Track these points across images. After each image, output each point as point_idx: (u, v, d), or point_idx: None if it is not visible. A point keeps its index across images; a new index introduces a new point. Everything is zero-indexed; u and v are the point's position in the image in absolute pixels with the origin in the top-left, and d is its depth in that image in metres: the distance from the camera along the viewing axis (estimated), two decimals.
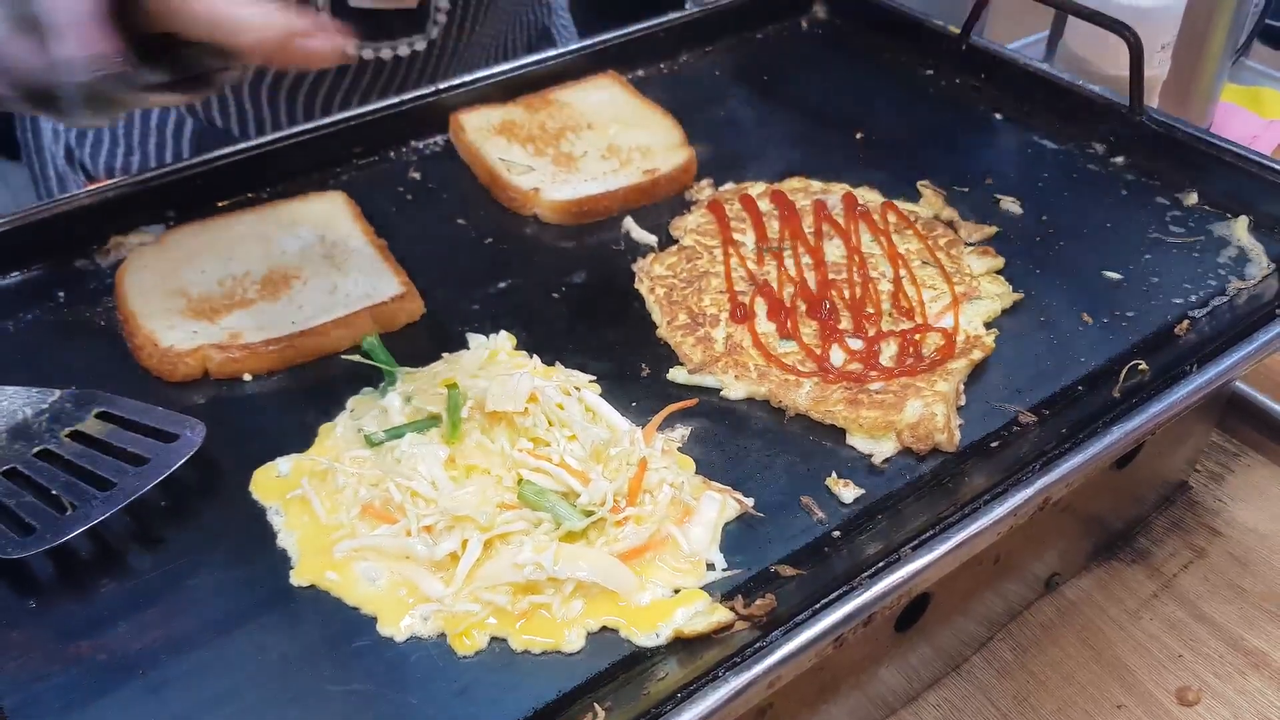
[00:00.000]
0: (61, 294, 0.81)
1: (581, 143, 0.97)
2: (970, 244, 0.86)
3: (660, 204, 0.92)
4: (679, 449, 0.70)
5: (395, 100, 0.97)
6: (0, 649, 0.58)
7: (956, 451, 0.70)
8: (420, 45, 1.08)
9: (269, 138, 0.92)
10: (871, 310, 0.79)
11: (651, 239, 0.88)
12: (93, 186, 0.86)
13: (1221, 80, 1.30)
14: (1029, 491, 0.64)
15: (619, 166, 0.94)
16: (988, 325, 0.79)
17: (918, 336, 0.77)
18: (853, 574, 0.60)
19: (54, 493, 0.64)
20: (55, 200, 0.85)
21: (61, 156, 1.17)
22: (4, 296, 0.81)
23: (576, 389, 0.72)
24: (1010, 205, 0.91)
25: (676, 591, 0.61)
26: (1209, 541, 0.89)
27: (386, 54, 1.07)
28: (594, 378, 0.74)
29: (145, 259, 0.81)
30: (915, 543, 0.61)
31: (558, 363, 0.75)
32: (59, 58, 0.64)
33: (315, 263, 0.82)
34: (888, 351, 0.76)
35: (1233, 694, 0.78)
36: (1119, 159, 0.96)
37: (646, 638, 0.59)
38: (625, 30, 1.08)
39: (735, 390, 0.74)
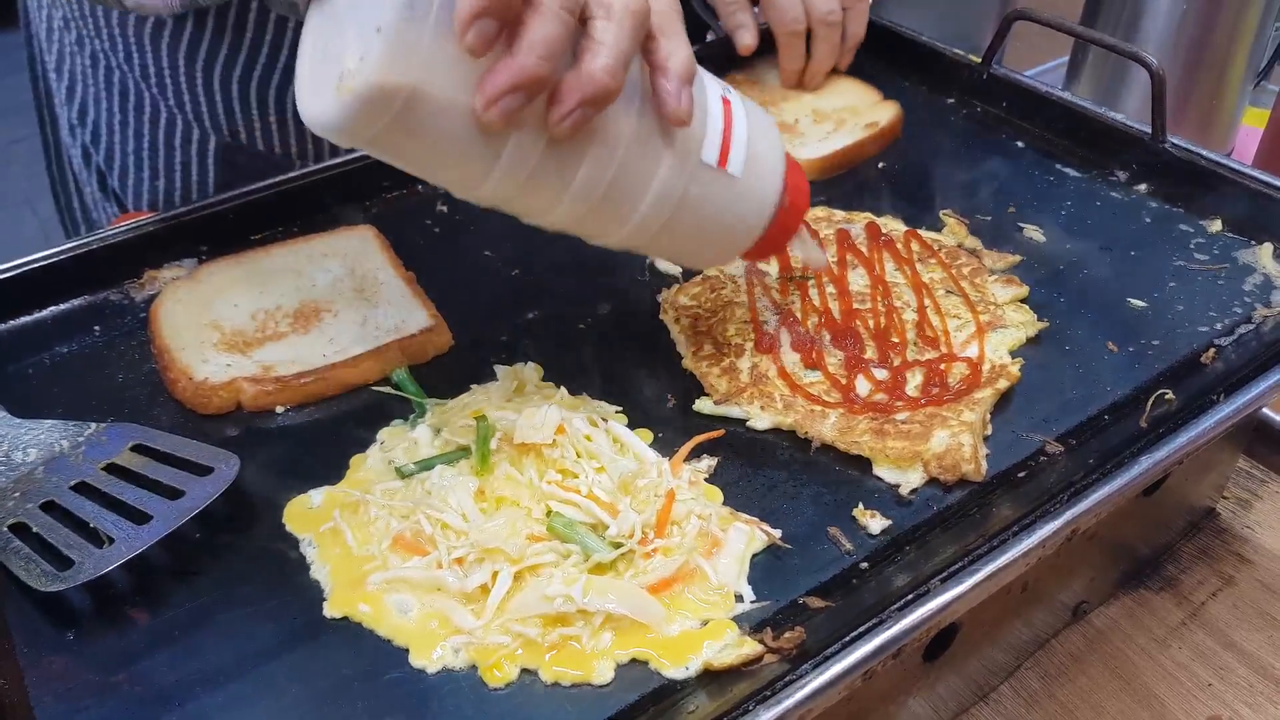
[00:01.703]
0: (97, 328, 0.83)
1: (789, 112, 1.07)
2: (994, 272, 0.87)
3: None
4: (706, 480, 0.71)
5: None
6: (40, 681, 0.59)
7: (983, 482, 0.70)
8: None
9: (298, 172, 0.94)
10: (896, 340, 0.79)
11: (676, 269, 0.89)
12: (126, 222, 0.88)
13: (1243, 105, 1.30)
14: (1057, 523, 0.64)
15: (836, 127, 1.04)
16: (1013, 354, 0.79)
17: (943, 366, 0.77)
18: (881, 606, 0.60)
19: (91, 526, 0.65)
20: (90, 236, 0.87)
21: (94, 181, 1.19)
22: (41, 330, 0.82)
23: (603, 420, 0.72)
24: (1033, 233, 0.92)
25: (705, 623, 0.62)
26: (1237, 569, 0.88)
27: None
28: (620, 408, 0.75)
29: (179, 293, 0.83)
30: (944, 575, 0.61)
31: (584, 393, 0.76)
32: None
33: (346, 296, 0.83)
34: (913, 381, 0.76)
35: None
36: (1142, 186, 0.96)
37: (676, 670, 0.60)
38: None
39: (761, 421, 0.74)
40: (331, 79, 0.57)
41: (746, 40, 1.09)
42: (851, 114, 1.06)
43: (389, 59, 0.54)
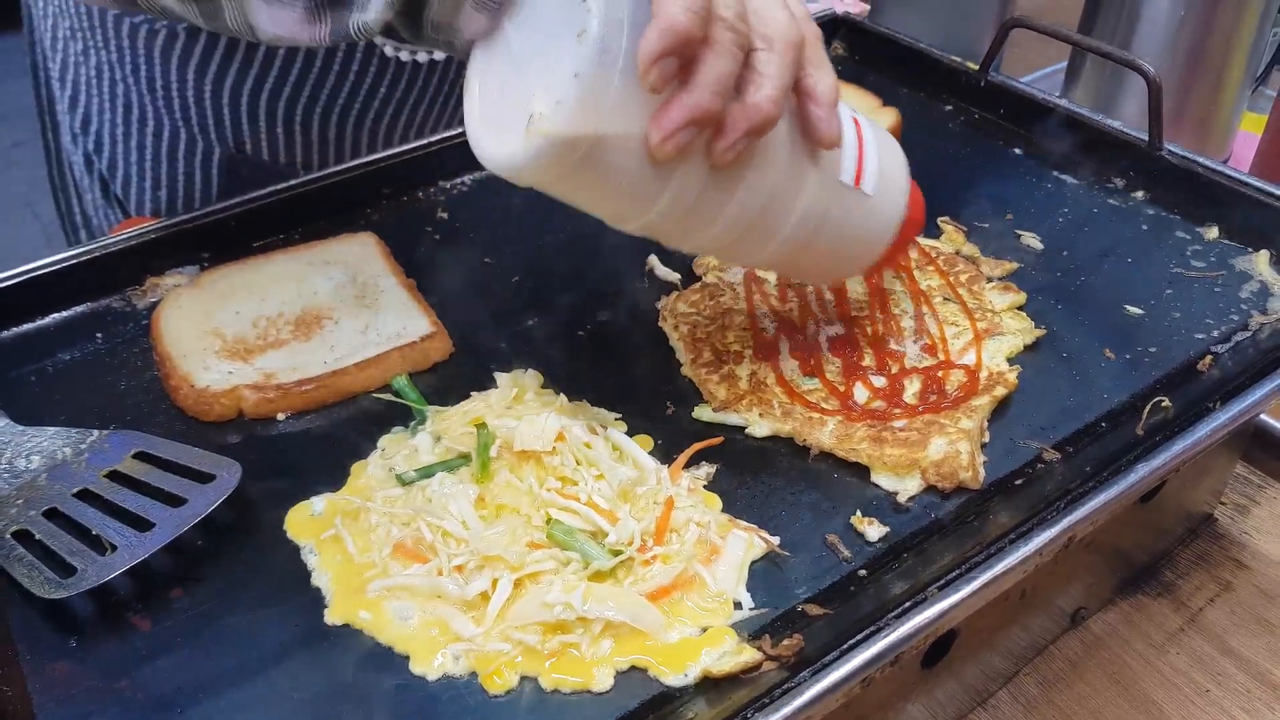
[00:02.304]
0: (99, 335, 0.83)
1: None
2: (991, 279, 0.87)
3: None
4: (705, 487, 0.71)
5: (424, 142, 0.99)
6: (43, 687, 0.60)
7: (981, 489, 0.70)
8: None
9: (300, 180, 0.94)
10: (895, 347, 0.80)
11: (675, 276, 0.89)
12: (129, 229, 0.88)
13: (1240, 110, 1.30)
14: (1054, 531, 0.64)
15: None
16: (1010, 361, 0.80)
17: (941, 373, 0.77)
18: (879, 613, 0.60)
19: (94, 533, 0.66)
20: (92, 243, 0.87)
21: (96, 187, 1.20)
22: (44, 337, 0.83)
23: (603, 427, 0.73)
24: (1031, 240, 0.92)
25: (704, 631, 0.62)
26: (1235, 574, 0.89)
27: (423, 57, 1.07)
28: (619, 415, 0.75)
29: (181, 300, 0.83)
30: (942, 582, 0.62)
31: (584, 400, 0.76)
32: None
33: (347, 303, 0.83)
34: (911, 389, 0.76)
35: None
36: (1139, 193, 0.97)
37: (675, 677, 0.60)
38: None
39: (760, 428, 0.75)
40: (518, 121, 0.57)
41: None
42: None
43: (585, 104, 0.56)
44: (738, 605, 0.64)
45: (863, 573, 0.66)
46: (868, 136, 0.71)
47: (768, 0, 0.60)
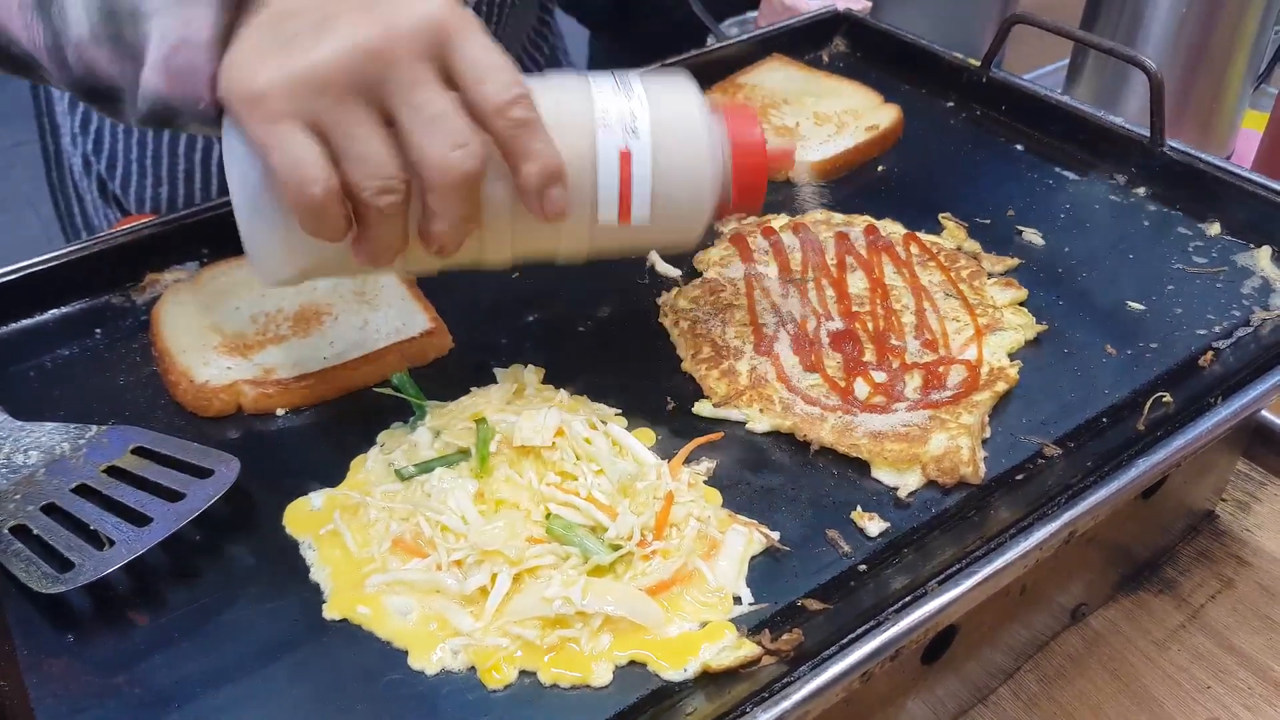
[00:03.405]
0: (99, 330, 0.83)
1: (790, 115, 1.07)
2: (993, 275, 0.87)
3: None
4: (705, 482, 0.71)
5: None
6: (40, 682, 0.60)
7: (982, 484, 0.70)
8: None
9: None
10: (896, 342, 0.80)
11: (675, 272, 0.89)
12: (129, 225, 0.88)
13: (1243, 108, 1.30)
14: (1055, 525, 0.64)
15: (837, 130, 1.04)
16: (1011, 357, 0.80)
17: (942, 369, 0.77)
18: (879, 608, 0.60)
19: (92, 528, 0.65)
20: (92, 239, 0.87)
21: (95, 188, 1.20)
22: (43, 333, 0.83)
23: (603, 422, 0.73)
24: (1032, 236, 0.92)
25: (703, 625, 0.62)
26: (1236, 571, 0.88)
27: None
28: (619, 411, 0.75)
29: (180, 296, 0.83)
30: (942, 577, 0.62)
31: (584, 396, 0.76)
32: (144, 87, 0.63)
33: (346, 299, 0.83)
34: (912, 384, 0.76)
35: None
36: (1140, 190, 0.96)
37: (674, 672, 0.60)
38: (649, 68, 1.09)
39: (760, 423, 0.75)
40: (250, 245, 0.65)
41: None
42: (852, 117, 1.06)
43: (270, 265, 0.65)
44: (737, 600, 0.64)
45: (863, 568, 0.65)
46: (639, 162, 0.65)
47: (431, 120, 0.57)
